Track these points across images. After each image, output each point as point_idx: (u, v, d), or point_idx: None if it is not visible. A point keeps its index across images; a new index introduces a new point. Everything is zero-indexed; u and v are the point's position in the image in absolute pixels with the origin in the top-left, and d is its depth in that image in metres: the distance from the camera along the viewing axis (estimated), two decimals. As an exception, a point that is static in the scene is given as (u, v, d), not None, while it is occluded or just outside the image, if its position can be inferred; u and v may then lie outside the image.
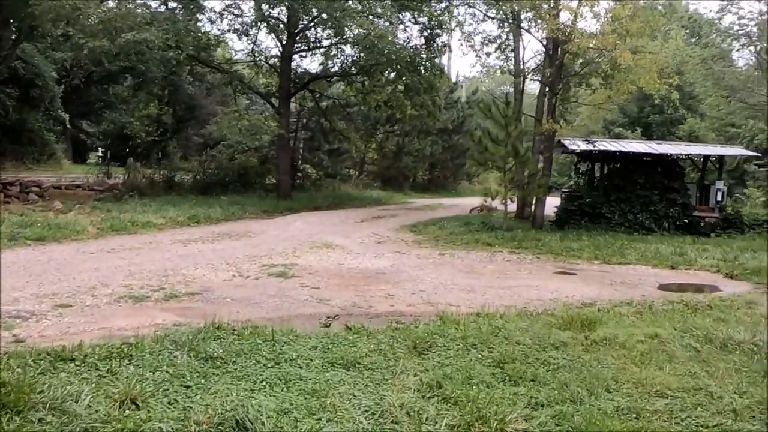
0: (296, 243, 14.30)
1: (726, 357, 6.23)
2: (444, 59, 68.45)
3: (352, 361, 5.73)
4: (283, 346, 6.17)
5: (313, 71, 27.57)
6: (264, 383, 5.15)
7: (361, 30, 20.99)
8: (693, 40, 46.72)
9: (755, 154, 23.56)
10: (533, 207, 19.72)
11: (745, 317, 8.27)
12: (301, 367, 5.58)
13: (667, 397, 5.18)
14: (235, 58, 29.02)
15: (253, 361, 5.64)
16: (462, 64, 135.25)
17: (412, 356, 6.03)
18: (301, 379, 5.26)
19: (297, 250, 13.33)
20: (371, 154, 37.48)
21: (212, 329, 6.60)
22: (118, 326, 6.93)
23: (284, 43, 24.38)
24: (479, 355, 6.10)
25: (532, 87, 32.91)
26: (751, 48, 34.62)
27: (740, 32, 32.95)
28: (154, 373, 5.19)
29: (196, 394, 4.82)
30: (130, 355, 5.59)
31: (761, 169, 30.36)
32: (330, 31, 23.69)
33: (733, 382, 5.48)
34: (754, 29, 31.93)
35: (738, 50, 34.74)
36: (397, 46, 21.90)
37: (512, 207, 20.46)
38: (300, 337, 6.48)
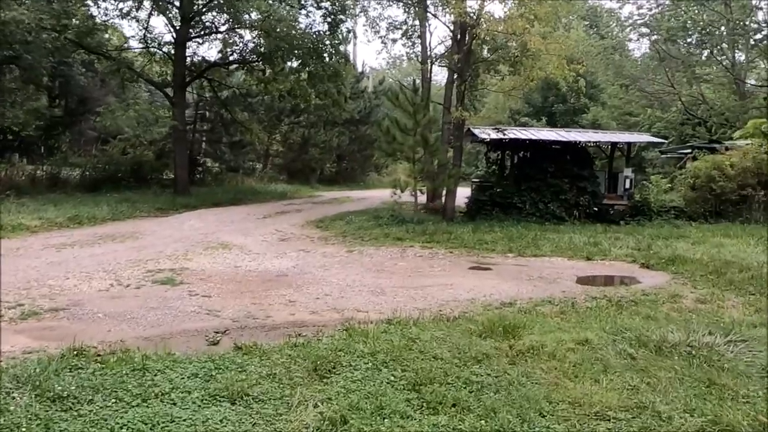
0: (189, 244, 12.99)
1: (664, 363, 5.58)
2: (350, 48, 67.35)
3: (239, 392, 4.72)
4: (155, 375, 5.10)
5: (213, 59, 26.02)
6: (124, 429, 4.08)
7: (259, 14, 19.70)
8: (593, 31, 47.81)
9: (662, 140, 23.84)
10: (444, 198, 19.07)
11: (673, 313, 7.76)
12: (174, 404, 4.53)
13: (609, 420, 4.45)
14: (128, 45, 26.91)
15: (115, 399, 4.56)
16: (369, 53, 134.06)
17: (312, 381, 5.07)
18: (173, 421, 4.23)
19: (189, 252, 12.04)
20: (276, 146, 35.97)
21: (71, 356, 5.45)
22: (-48, 358, 5.65)
23: (178, 28, 22.73)
24: (391, 376, 5.20)
25: (439, 78, 32.50)
26: (650, 38, 35.44)
27: (639, 22, 33.62)
28: (-22, 425, 4.03)
29: (30, 454, 3.72)
30: (-48, 401, 4.40)
31: (663, 155, 31.09)
32: (227, 15, 22.24)
33: (679, 397, 4.81)
34: (653, 19, 32.59)
35: (637, 40, 35.43)
36: (299, 31, 20.74)
37: (422, 198, 19.82)
38: (178, 363, 5.41)
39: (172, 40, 23.33)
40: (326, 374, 5.21)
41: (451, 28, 18.95)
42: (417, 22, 21.20)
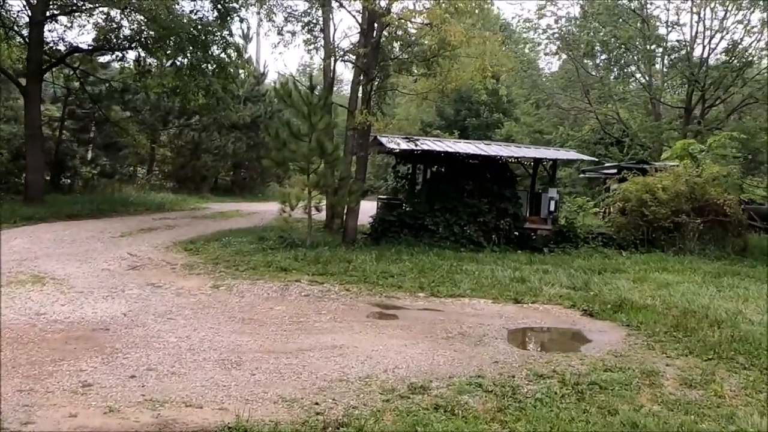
0: (-10, 275, 9.58)
1: None
2: (251, 48, 63.58)
3: None
4: None
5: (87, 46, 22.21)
6: None
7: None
8: (505, 48, 46.45)
9: (592, 158, 21.94)
10: (345, 217, 16.26)
11: (659, 409, 5.23)
12: None
13: None
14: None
15: None
16: (276, 56, 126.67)
17: None
18: None
19: (-19, 288, 8.70)
20: (163, 150, 32.05)
21: None
22: None
23: (34, 3, 18.97)
24: None
25: (347, 88, 29.71)
26: (563, 55, 34.23)
27: (555, 35, 32.18)
28: None
29: None
30: None
31: (583, 174, 29.62)
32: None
33: None
34: (571, 34, 31.22)
35: (555, 54, 34.03)
36: (177, 14, 17.51)
37: (322, 216, 16.95)
38: None
39: (28, 19, 19.49)
40: None
41: (359, 19, 16.26)
42: (320, 12, 18.39)
